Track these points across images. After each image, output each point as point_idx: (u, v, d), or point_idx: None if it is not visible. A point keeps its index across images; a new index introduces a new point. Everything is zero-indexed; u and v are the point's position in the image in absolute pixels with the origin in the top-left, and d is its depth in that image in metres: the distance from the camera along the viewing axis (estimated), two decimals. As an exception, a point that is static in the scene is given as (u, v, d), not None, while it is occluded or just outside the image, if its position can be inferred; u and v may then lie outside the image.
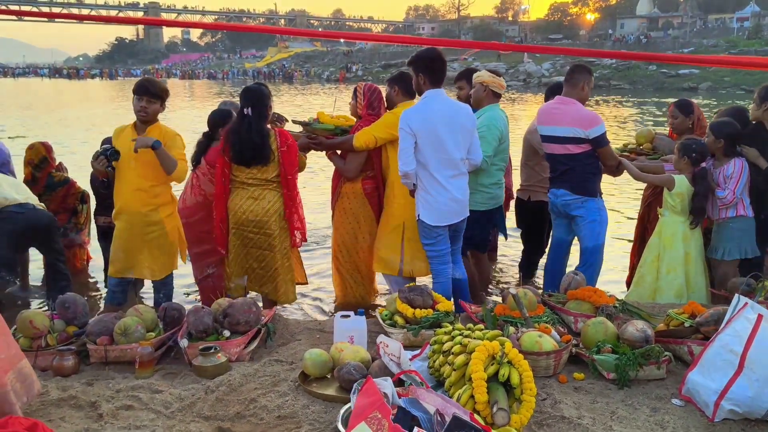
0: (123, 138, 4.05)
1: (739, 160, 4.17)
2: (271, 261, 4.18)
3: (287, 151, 4.05)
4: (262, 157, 4.02)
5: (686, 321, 3.14)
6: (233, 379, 2.79)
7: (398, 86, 4.41)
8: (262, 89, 4.16)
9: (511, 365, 2.47)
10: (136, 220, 4.06)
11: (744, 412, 2.46)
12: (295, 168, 4.14)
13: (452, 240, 4.06)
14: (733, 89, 37.07)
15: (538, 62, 50.73)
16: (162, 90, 4.09)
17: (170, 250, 4.22)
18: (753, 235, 4.23)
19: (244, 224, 4.12)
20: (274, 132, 4.09)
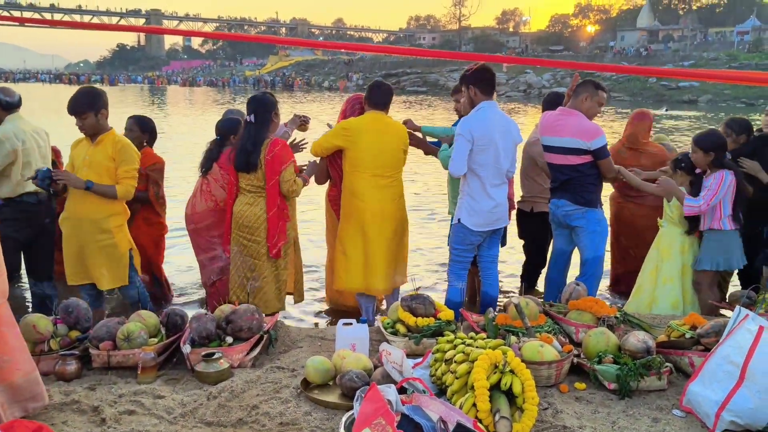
0: (79, 149, 4.09)
1: (723, 173, 4.13)
2: (259, 270, 4.17)
3: (271, 159, 4.05)
4: (250, 164, 4.08)
5: (687, 332, 3.16)
6: (235, 386, 2.79)
7: (366, 96, 4.48)
8: (265, 97, 4.22)
9: (513, 374, 2.48)
10: (86, 227, 4.03)
11: (745, 424, 2.47)
12: (274, 177, 4.07)
13: (492, 246, 4.26)
14: (733, 102, 37.22)
15: (539, 73, 50.94)
16: (86, 103, 3.94)
17: (121, 261, 4.15)
18: (731, 249, 4.19)
19: (240, 230, 4.18)
20: (268, 141, 4.11)
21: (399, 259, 4.52)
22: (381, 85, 4.50)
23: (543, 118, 4.50)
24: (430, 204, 9.70)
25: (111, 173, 4.01)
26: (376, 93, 4.40)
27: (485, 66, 4.11)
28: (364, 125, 4.31)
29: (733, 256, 4.21)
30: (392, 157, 4.34)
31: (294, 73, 74.91)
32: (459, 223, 4.09)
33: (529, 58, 31.65)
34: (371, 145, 4.26)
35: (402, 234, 4.50)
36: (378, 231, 4.32)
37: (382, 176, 4.30)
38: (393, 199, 4.38)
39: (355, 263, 4.37)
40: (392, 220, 4.37)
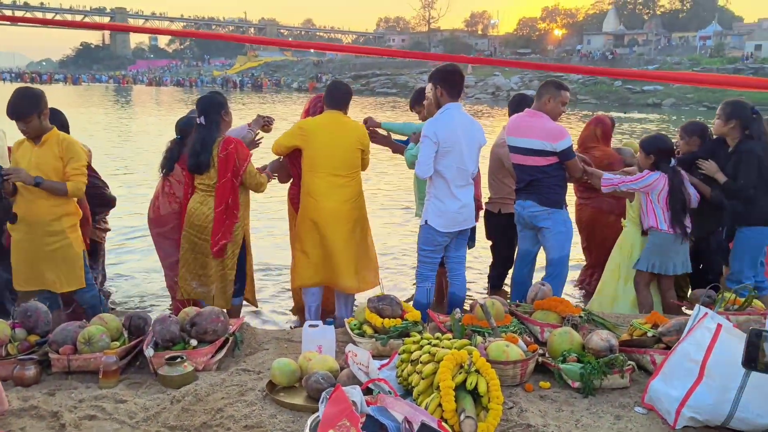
0: (23, 151, 3.96)
1: (657, 174, 4.23)
2: (208, 268, 4.20)
3: (224, 158, 4.07)
4: (199, 164, 4.11)
5: (649, 331, 3.21)
6: (200, 389, 2.75)
7: (324, 96, 4.51)
8: (213, 97, 4.24)
9: (478, 374, 2.50)
10: (38, 230, 3.93)
11: (704, 420, 2.52)
12: (226, 175, 4.09)
13: (459, 247, 4.27)
14: (696, 106, 38.09)
15: (507, 75, 51.44)
16: (29, 105, 3.83)
17: (77, 263, 4.06)
18: (668, 253, 4.27)
19: (191, 227, 4.20)
20: (220, 139, 4.12)
21: (366, 259, 4.52)
22: (338, 85, 4.53)
23: (510, 120, 4.55)
24: (403, 204, 9.72)
25: (59, 173, 3.90)
26: (333, 93, 4.42)
27: (455, 68, 4.13)
28: (320, 125, 4.33)
29: (670, 261, 4.27)
30: (347, 157, 4.33)
31: (263, 74, 74.40)
32: (426, 224, 4.11)
33: (497, 59, 31.73)
34: (326, 144, 4.28)
35: (362, 234, 4.49)
36: (333, 230, 4.32)
37: (337, 176, 4.30)
38: (348, 199, 4.36)
39: (315, 261, 4.38)
40: (348, 220, 4.37)
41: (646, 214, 4.30)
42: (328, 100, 4.42)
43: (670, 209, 4.22)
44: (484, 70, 52.99)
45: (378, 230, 8.12)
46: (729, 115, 4.28)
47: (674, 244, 4.26)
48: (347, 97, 4.46)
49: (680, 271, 4.32)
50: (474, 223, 4.35)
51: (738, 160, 4.21)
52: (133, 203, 8.82)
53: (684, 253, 4.30)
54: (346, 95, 4.45)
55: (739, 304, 3.58)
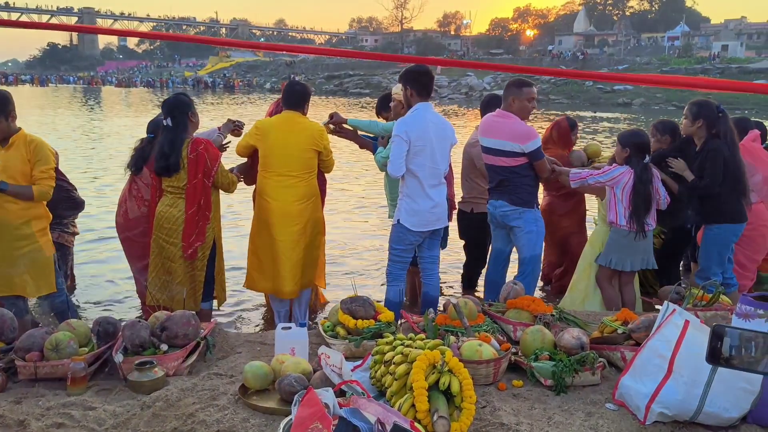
0: None
1: (623, 169, 4.30)
2: (174, 273, 4.15)
3: (194, 159, 4.04)
4: (168, 166, 4.07)
5: (619, 328, 3.25)
6: (170, 394, 2.72)
7: (281, 97, 4.54)
8: (179, 98, 4.21)
9: (451, 374, 2.50)
10: (6, 234, 3.87)
11: (673, 415, 2.55)
12: (197, 176, 4.07)
13: (432, 247, 4.29)
14: (665, 105, 38.72)
15: (480, 76, 51.76)
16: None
17: (48, 267, 4.01)
18: (625, 250, 4.32)
19: (160, 231, 4.16)
20: (188, 140, 4.09)
21: (309, 261, 4.48)
22: (294, 85, 4.53)
23: (482, 120, 4.58)
24: (381, 203, 9.72)
25: (26, 176, 3.84)
26: (288, 93, 4.43)
27: (425, 68, 4.14)
28: (274, 125, 4.34)
29: (627, 258, 4.33)
30: (299, 157, 4.31)
31: (235, 74, 73.82)
32: (398, 223, 4.12)
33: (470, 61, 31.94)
34: (278, 144, 4.28)
35: (312, 236, 4.46)
36: (282, 231, 4.32)
37: (288, 176, 4.29)
38: (299, 200, 4.35)
39: (265, 264, 4.40)
40: (298, 221, 4.35)
41: (609, 209, 4.37)
42: (284, 101, 4.43)
43: (631, 205, 4.26)
44: (457, 71, 53.25)
45: (351, 231, 8.13)
46: (696, 115, 4.36)
47: (632, 241, 4.29)
48: (303, 97, 4.43)
49: (638, 267, 4.38)
50: (447, 223, 4.36)
51: (704, 159, 4.28)
52: (103, 206, 8.69)
53: (644, 251, 4.34)
54: (301, 95, 4.42)
55: (706, 300, 3.64)
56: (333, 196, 10.23)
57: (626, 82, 39.93)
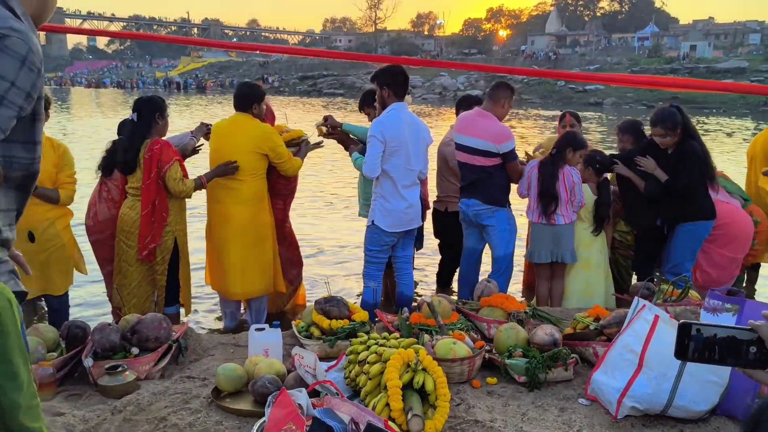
0: None
1: (533, 163, 4.41)
2: (130, 277, 4.11)
3: (148, 158, 4.00)
4: (126, 162, 4.06)
5: (591, 324, 3.29)
6: (142, 398, 2.68)
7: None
8: (151, 98, 4.17)
9: (425, 372, 2.51)
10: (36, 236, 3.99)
11: (644, 409, 2.59)
12: (150, 176, 4.01)
13: (406, 247, 4.29)
14: (635, 105, 39.26)
15: (454, 76, 51.98)
16: None
17: (70, 262, 4.16)
18: (534, 241, 4.47)
19: (121, 233, 4.13)
20: (148, 141, 4.05)
21: (255, 267, 4.38)
22: (240, 87, 4.48)
23: (459, 117, 4.60)
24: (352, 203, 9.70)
25: (51, 179, 3.96)
26: (235, 95, 4.40)
27: (400, 68, 4.17)
28: (222, 127, 4.35)
29: (535, 250, 4.47)
30: (242, 159, 4.24)
31: (207, 75, 73.14)
32: (373, 224, 4.11)
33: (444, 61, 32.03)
34: (222, 146, 4.28)
35: (254, 240, 4.35)
36: (220, 232, 4.32)
37: (229, 178, 4.26)
38: (242, 202, 4.28)
39: (213, 263, 4.43)
40: (240, 223, 4.29)
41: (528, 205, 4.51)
42: (234, 103, 4.40)
43: (538, 198, 4.38)
44: (431, 71, 53.39)
45: (325, 229, 8.11)
46: (674, 126, 4.34)
47: (539, 233, 4.44)
48: (249, 98, 4.33)
49: (545, 259, 4.47)
50: (421, 223, 4.37)
51: (680, 159, 4.32)
52: (74, 208, 8.52)
53: (553, 243, 4.43)
54: (246, 97, 4.33)
55: (676, 296, 3.69)
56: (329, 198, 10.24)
57: (600, 81, 40.50)
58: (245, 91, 4.39)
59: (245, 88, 4.45)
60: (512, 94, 4.43)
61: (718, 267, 4.57)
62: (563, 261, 4.47)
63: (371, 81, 4.25)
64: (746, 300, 2.83)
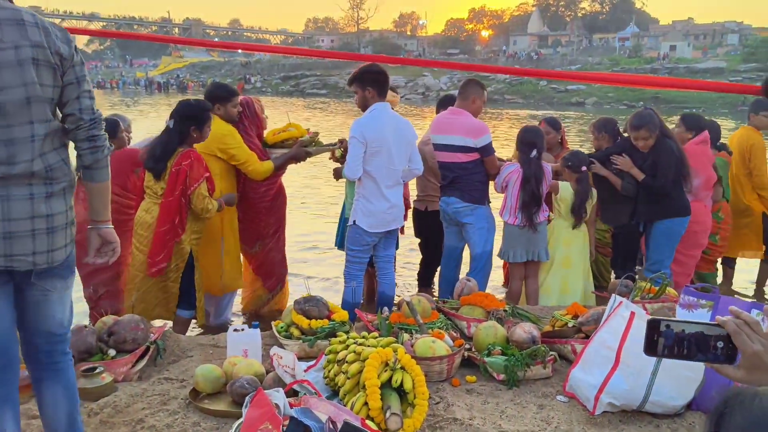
0: None
1: (513, 166, 4.45)
2: (139, 284, 3.97)
3: (175, 173, 3.82)
4: (155, 169, 3.90)
5: (569, 321, 3.31)
6: (119, 400, 2.66)
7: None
8: (191, 107, 3.98)
9: (404, 371, 2.51)
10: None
11: (621, 405, 2.62)
12: (173, 194, 3.83)
13: (387, 246, 4.28)
14: (616, 104, 39.60)
15: (436, 76, 52.10)
16: None
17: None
18: (510, 242, 4.49)
19: (135, 236, 4.00)
20: (180, 150, 3.88)
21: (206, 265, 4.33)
22: (208, 87, 4.46)
23: (434, 119, 4.62)
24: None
25: None
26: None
27: (382, 68, 4.17)
28: None
29: (510, 249, 4.50)
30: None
31: (188, 75, 72.58)
32: (354, 224, 4.11)
33: (427, 60, 31.97)
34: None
35: (206, 240, 4.29)
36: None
37: None
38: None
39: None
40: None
41: (502, 205, 4.53)
42: None
43: (519, 200, 4.39)
44: (414, 71, 53.45)
45: (305, 229, 8.08)
46: (653, 127, 4.39)
47: (517, 233, 4.46)
48: (211, 99, 4.26)
49: (521, 259, 4.50)
50: (402, 223, 4.38)
51: (657, 158, 4.36)
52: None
53: (530, 242, 4.47)
54: (209, 98, 4.28)
55: (654, 293, 3.74)
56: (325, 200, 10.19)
57: (585, 81, 40.75)
58: (208, 92, 4.37)
59: (210, 89, 4.42)
60: (482, 89, 4.43)
61: (675, 262, 4.62)
62: (539, 259, 4.49)
63: (350, 83, 4.19)
64: (720, 296, 2.88)
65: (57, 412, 2.23)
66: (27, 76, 1.95)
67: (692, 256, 4.74)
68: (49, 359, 2.21)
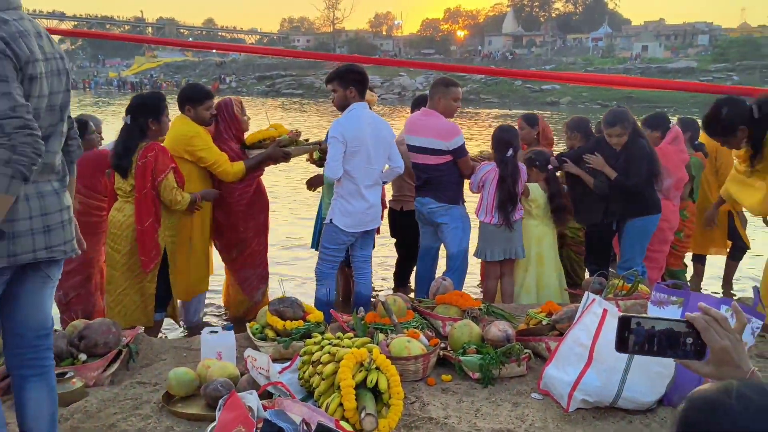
0: None
1: (490, 166, 4.46)
2: (115, 283, 3.92)
3: (142, 166, 3.79)
4: (119, 167, 3.87)
5: (544, 319, 3.34)
6: (90, 405, 2.62)
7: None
8: (144, 100, 3.95)
9: (379, 371, 2.51)
10: None
11: (594, 401, 2.64)
12: (145, 186, 3.80)
13: (364, 247, 4.28)
14: (590, 104, 40.01)
15: (412, 76, 52.17)
16: None
17: None
18: (485, 241, 4.52)
19: (108, 236, 3.95)
20: (143, 145, 3.84)
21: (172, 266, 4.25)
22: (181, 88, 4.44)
23: (407, 119, 4.62)
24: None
25: None
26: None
27: (363, 68, 4.17)
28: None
29: (487, 248, 4.52)
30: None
31: (162, 75, 71.75)
32: (331, 223, 4.09)
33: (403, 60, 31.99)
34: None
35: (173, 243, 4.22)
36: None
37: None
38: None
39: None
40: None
41: (477, 205, 4.55)
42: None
43: (495, 199, 4.41)
44: (390, 71, 53.43)
45: (287, 230, 8.04)
46: (630, 124, 4.45)
47: (493, 232, 4.47)
48: (181, 101, 4.23)
49: (498, 257, 4.52)
50: (380, 223, 4.37)
51: (630, 156, 4.41)
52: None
53: (506, 241, 4.49)
54: (180, 99, 4.24)
55: (626, 290, 3.78)
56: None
57: (560, 81, 41.13)
58: (181, 92, 4.31)
59: (183, 89, 4.37)
60: (445, 88, 4.38)
61: (646, 259, 4.69)
62: (516, 257, 4.52)
63: (328, 82, 4.17)
64: (691, 293, 2.92)
65: (41, 413, 2.23)
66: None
67: (662, 252, 4.81)
68: (35, 355, 2.23)
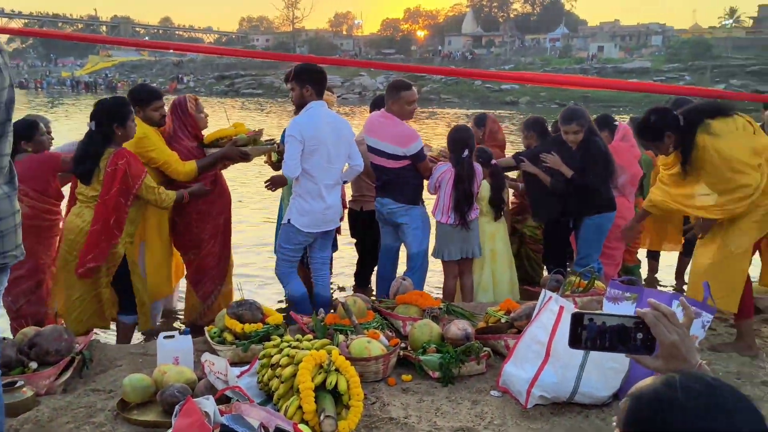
0: None
1: (445, 167, 4.48)
2: (74, 289, 3.82)
3: (111, 173, 3.69)
4: (82, 173, 3.76)
5: (502, 317, 3.37)
6: (41, 415, 2.54)
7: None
8: (108, 105, 3.82)
9: (338, 373, 2.50)
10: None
11: (552, 397, 2.68)
12: (109, 192, 3.71)
13: (323, 248, 4.27)
14: (548, 103, 40.69)
15: (373, 76, 52.21)
16: None
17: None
18: (442, 240, 4.56)
19: (65, 241, 3.83)
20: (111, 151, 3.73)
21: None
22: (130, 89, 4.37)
23: (367, 119, 4.60)
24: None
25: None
26: None
27: (320, 67, 4.16)
28: None
29: (445, 248, 4.55)
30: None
31: (117, 75, 70.23)
32: (288, 223, 4.07)
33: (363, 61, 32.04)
34: None
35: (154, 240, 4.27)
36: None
37: None
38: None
39: None
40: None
41: (434, 205, 4.58)
42: None
43: (452, 199, 4.44)
44: (350, 71, 53.37)
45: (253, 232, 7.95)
46: (586, 121, 4.52)
47: (449, 232, 4.50)
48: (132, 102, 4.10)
49: (456, 256, 4.55)
50: (339, 224, 4.36)
51: (585, 155, 4.48)
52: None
53: (463, 240, 4.52)
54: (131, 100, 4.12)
55: (583, 287, 3.84)
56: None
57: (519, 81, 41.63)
58: (129, 93, 4.22)
59: (131, 90, 4.29)
60: (397, 92, 4.32)
61: (602, 255, 4.78)
62: (473, 256, 4.56)
63: (287, 80, 4.16)
64: (644, 289, 2.99)
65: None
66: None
67: (618, 248, 4.91)
68: None
